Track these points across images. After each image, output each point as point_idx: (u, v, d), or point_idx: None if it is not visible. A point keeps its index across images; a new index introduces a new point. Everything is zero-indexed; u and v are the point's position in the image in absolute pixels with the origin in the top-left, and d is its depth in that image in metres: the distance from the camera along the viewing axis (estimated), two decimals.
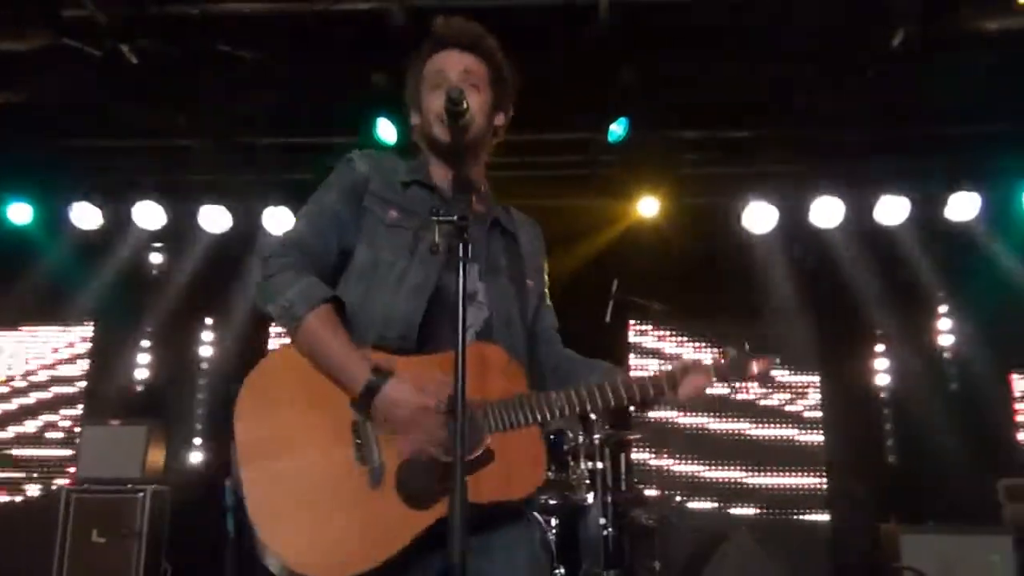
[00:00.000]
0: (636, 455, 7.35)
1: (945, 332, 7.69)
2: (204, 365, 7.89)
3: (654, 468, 7.55)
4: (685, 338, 7.76)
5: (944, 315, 7.68)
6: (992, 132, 6.68)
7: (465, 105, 2.11)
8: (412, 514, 2.04)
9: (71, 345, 8.08)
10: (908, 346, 7.59)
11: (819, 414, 7.70)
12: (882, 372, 7.72)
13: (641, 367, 7.68)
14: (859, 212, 7.04)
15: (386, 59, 5.81)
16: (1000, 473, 6.72)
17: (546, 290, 2.54)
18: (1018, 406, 7.59)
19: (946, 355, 7.66)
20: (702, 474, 7.59)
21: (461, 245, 1.92)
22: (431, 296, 2.18)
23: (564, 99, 5.76)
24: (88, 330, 8.07)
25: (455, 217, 1.94)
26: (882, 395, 7.70)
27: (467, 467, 1.97)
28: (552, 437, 4.93)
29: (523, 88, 2.47)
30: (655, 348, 7.83)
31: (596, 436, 5.22)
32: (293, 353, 2.15)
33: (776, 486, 7.57)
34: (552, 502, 4.91)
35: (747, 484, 7.57)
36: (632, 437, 5.94)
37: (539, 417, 2.15)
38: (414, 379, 2.08)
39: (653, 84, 6.15)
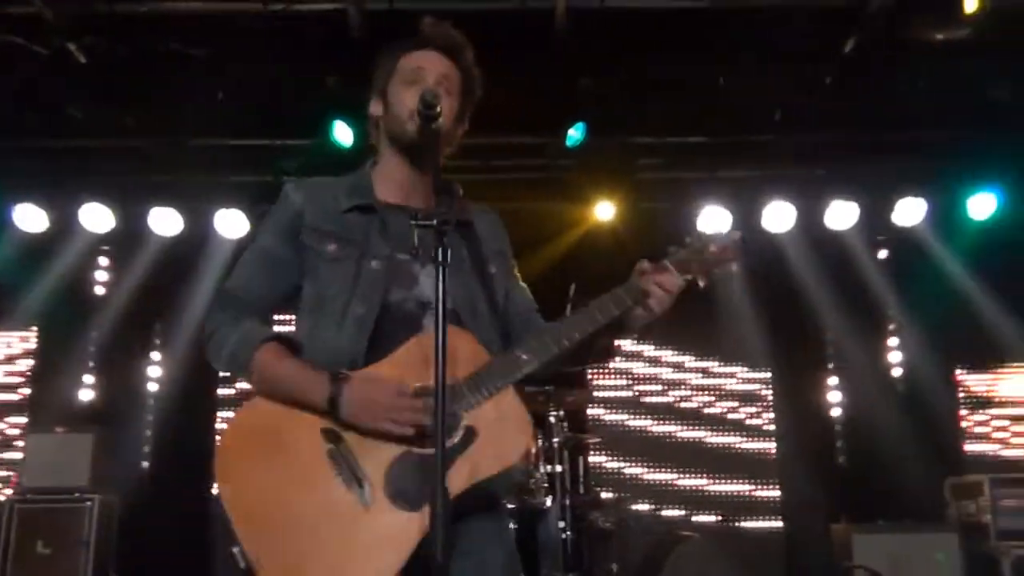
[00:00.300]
0: (594, 458, 7.37)
1: (893, 336, 7.84)
2: (154, 370, 7.72)
3: (612, 471, 7.58)
4: (642, 341, 7.80)
5: (892, 320, 7.82)
6: (938, 138, 6.85)
7: (439, 109, 2.10)
8: (409, 518, 2.01)
9: (13, 349, 7.86)
10: (857, 350, 7.72)
11: (772, 416, 7.80)
12: (832, 373, 7.85)
13: (599, 369, 7.73)
14: (809, 217, 7.16)
15: (342, 61, 5.78)
16: (947, 473, 6.89)
17: (515, 271, 2.51)
18: (962, 410, 7.77)
19: (893, 359, 7.81)
20: (655, 478, 7.64)
21: (440, 249, 1.90)
22: (376, 319, 2.18)
23: (522, 103, 5.76)
24: (31, 335, 7.85)
25: (434, 221, 1.93)
26: (831, 398, 7.82)
27: (453, 452, 2.00)
28: None
29: (482, 91, 2.47)
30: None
31: (555, 439, 5.23)
32: (254, 408, 2.18)
33: (730, 492, 7.64)
34: (510, 506, 4.90)
35: (703, 490, 7.64)
36: (590, 440, 5.94)
37: (508, 379, 2.11)
38: (374, 376, 2.09)
39: (609, 89, 6.20)
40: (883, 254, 7.68)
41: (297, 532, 2.03)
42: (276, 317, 2.43)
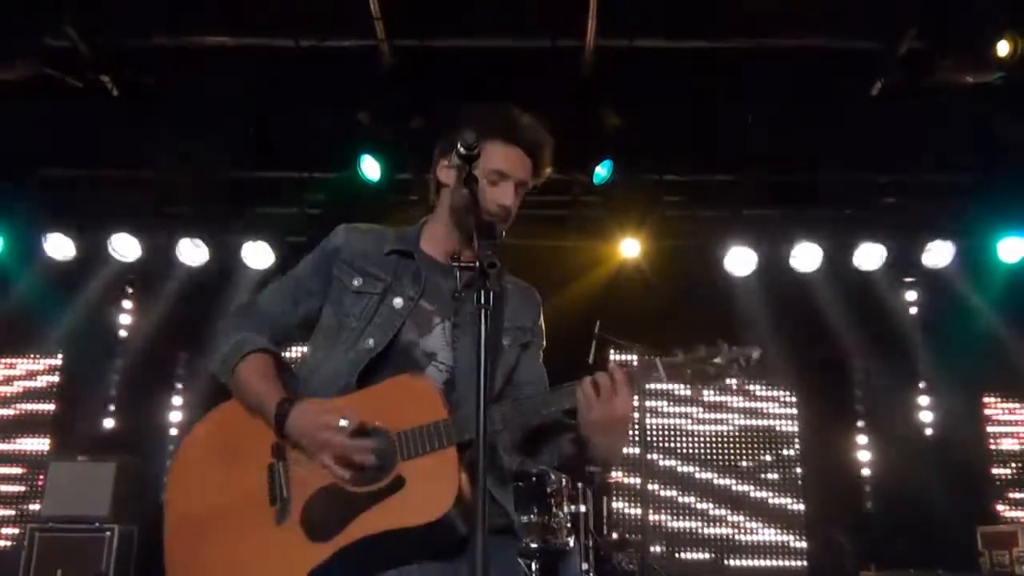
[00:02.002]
0: (618, 500, 7.28)
1: (923, 380, 7.71)
2: (177, 400, 7.74)
3: (635, 514, 7.48)
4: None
5: (922, 364, 7.69)
6: (967, 181, 6.78)
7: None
8: (310, 547, 2.04)
9: (38, 377, 7.91)
10: (887, 395, 7.60)
11: (799, 460, 7.68)
12: (860, 417, 7.72)
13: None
14: (837, 257, 7.10)
15: (372, 97, 5.83)
16: (978, 521, 6.73)
17: (538, 350, 2.46)
18: (994, 457, 7.61)
19: (923, 403, 7.67)
20: (681, 525, 7.55)
21: (482, 292, 1.86)
22: (381, 353, 2.22)
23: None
24: (57, 362, 7.89)
25: (475, 264, 1.90)
26: (860, 445, 7.69)
27: (376, 496, 2.02)
28: (534, 479, 4.87)
29: None
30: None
31: (578, 481, 5.16)
32: (225, 411, 2.30)
33: (757, 542, 7.53)
34: (533, 546, 4.83)
35: (730, 537, 7.54)
36: (613, 480, 5.86)
37: (452, 440, 2.05)
38: (320, 407, 2.11)
39: (637, 127, 6.20)
40: (911, 296, 7.59)
41: (212, 534, 2.16)
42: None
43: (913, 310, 7.63)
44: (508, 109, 2.36)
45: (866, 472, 7.59)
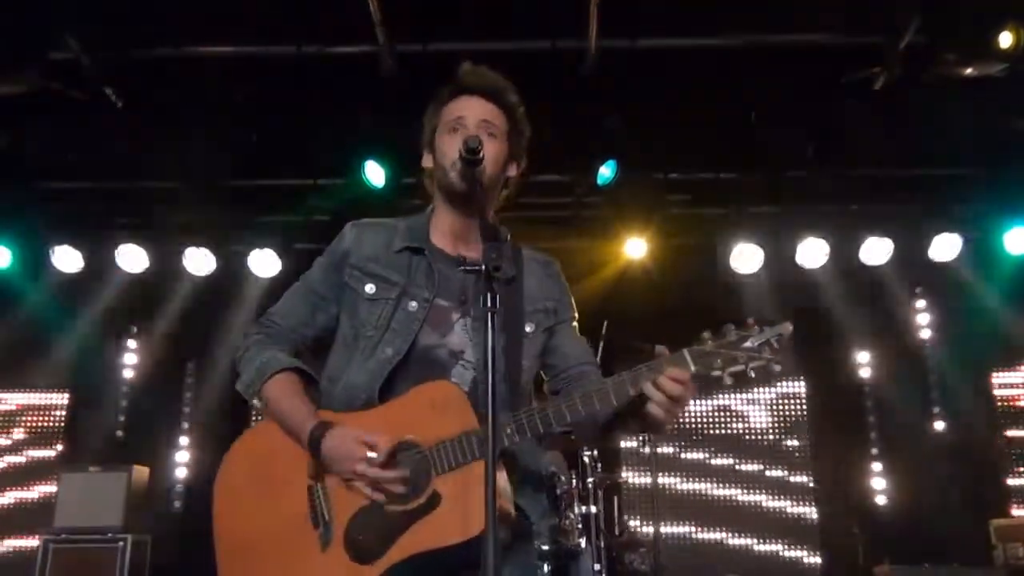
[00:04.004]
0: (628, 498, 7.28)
1: (933, 374, 7.68)
2: (187, 409, 7.75)
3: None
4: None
5: (931, 360, 7.66)
6: (973, 174, 6.76)
7: (481, 154, 2.08)
8: (356, 569, 2.02)
9: (49, 388, 7.94)
10: (897, 391, 7.58)
11: (810, 451, 7.70)
12: (871, 413, 7.69)
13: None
14: (843, 252, 7.08)
15: (374, 103, 5.84)
16: (991, 513, 6.70)
17: (571, 323, 2.41)
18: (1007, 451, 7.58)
19: (933, 393, 7.65)
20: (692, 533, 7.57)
21: (488, 295, 1.87)
22: (401, 360, 2.18)
23: (552, 142, 5.78)
24: (67, 373, 7.90)
25: (481, 267, 1.90)
26: (872, 440, 7.67)
27: (415, 515, 1.99)
28: (544, 481, 4.86)
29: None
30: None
31: (589, 480, 5.16)
32: (260, 432, 2.30)
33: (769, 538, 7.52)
34: (544, 547, 4.82)
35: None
36: (623, 480, 5.83)
37: (477, 453, 2.00)
38: (355, 428, 2.08)
39: (640, 126, 6.20)
40: (919, 289, 7.58)
41: (258, 556, 2.14)
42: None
43: (921, 303, 7.60)
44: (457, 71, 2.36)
45: (877, 467, 7.57)
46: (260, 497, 2.20)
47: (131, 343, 7.86)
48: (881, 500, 7.45)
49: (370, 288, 2.27)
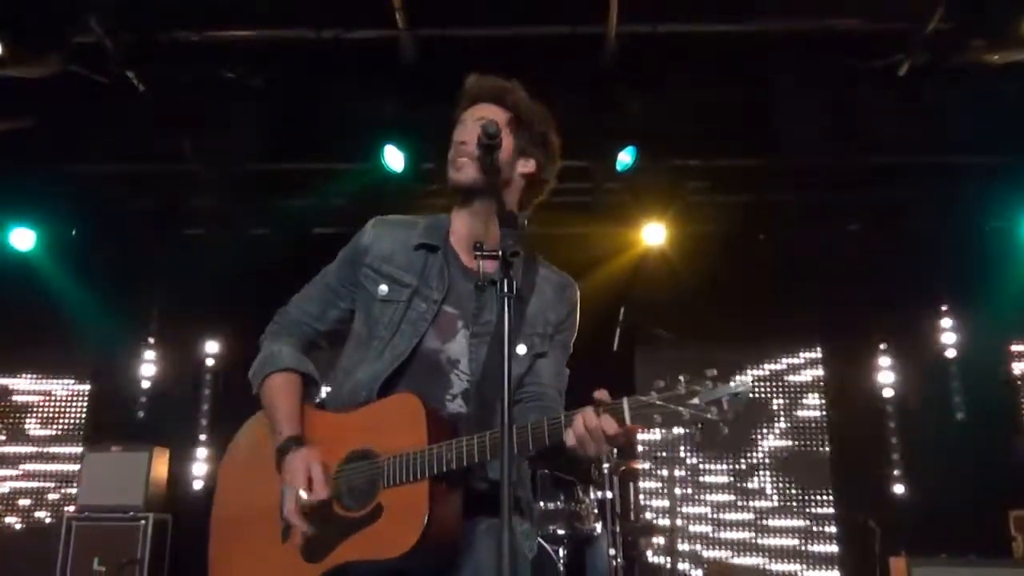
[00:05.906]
0: (645, 484, 7.30)
1: (952, 356, 7.62)
2: (207, 390, 7.83)
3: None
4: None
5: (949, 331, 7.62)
6: (993, 162, 6.69)
7: (498, 140, 2.07)
8: (304, 567, 2.10)
9: (72, 370, 8.05)
10: (914, 369, 7.54)
11: (826, 424, 7.70)
12: (888, 386, 7.65)
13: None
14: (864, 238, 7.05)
15: (394, 87, 5.84)
16: (1010, 504, 6.65)
17: (564, 348, 2.39)
18: None
19: (954, 384, 7.59)
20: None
21: (504, 280, 1.86)
22: (405, 361, 2.22)
23: (571, 127, 5.76)
24: (89, 352, 7.99)
25: (498, 252, 1.90)
26: (890, 424, 7.63)
27: (356, 523, 2.06)
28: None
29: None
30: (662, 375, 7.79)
31: (605, 465, 5.17)
32: (260, 420, 2.39)
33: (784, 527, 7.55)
34: (560, 532, 4.86)
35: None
36: (640, 466, 5.85)
37: (425, 472, 2.01)
38: (315, 458, 2.14)
39: (659, 112, 6.17)
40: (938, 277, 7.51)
41: (236, 535, 2.30)
42: None
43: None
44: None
45: (896, 456, 7.53)
46: (249, 481, 2.33)
47: (153, 325, 7.92)
48: (899, 489, 7.42)
49: (383, 289, 2.31)
